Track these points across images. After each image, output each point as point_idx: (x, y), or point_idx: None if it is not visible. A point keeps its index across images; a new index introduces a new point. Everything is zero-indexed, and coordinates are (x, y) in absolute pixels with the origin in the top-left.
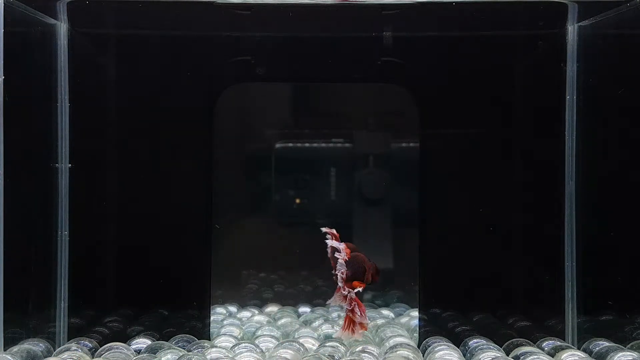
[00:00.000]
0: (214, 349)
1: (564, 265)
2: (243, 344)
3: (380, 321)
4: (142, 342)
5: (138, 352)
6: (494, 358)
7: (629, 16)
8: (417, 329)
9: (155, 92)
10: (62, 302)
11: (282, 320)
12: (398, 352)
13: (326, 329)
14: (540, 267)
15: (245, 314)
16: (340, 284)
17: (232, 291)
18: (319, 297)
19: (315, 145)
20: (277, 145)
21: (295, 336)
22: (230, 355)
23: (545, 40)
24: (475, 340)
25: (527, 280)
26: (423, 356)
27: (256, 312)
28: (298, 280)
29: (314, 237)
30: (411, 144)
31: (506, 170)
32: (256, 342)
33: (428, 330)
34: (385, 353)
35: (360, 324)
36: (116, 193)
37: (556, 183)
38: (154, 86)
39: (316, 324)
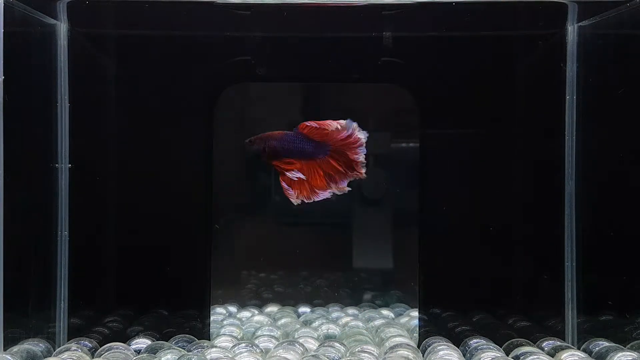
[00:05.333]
0: (214, 349)
1: (564, 265)
2: (243, 344)
3: (380, 321)
4: (142, 342)
5: (138, 352)
6: (494, 358)
7: (629, 16)
8: (417, 329)
9: (155, 92)
10: (62, 302)
11: (282, 320)
12: (398, 352)
13: (326, 329)
14: (540, 267)
15: (245, 314)
16: None
17: (232, 291)
18: (319, 297)
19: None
20: None
21: (295, 336)
22: (230, 355)
23: (545, 40)
24: (475, 340)
25: (527, 280)
26: (423, 356)
27: (256, 312)
28: (298, 280)
29: (314, 237)
30: (411, 144)
31: (506, 170)
32: (256, 342)
33: (428, 330)
34: (385, 353)
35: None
36: (116, 193)
37: (556, 183)
38: (154, 86)
39: (316, 324)
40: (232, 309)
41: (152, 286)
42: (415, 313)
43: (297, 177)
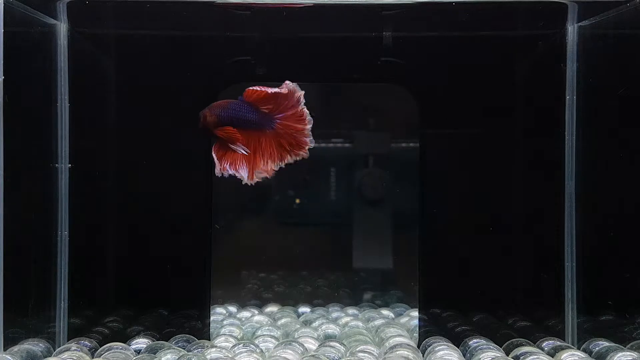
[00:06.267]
0: (213, 349)
1: (564, 265)
2: (243, 344)
3: (380, 321)
4: (142, 342)
5: (138, 352)
6: (494, 358)
7: (629, 16)
8: (417, 329)
9: (155, 92)
10: (62, 302)
11: (282, 320)
12: (398, 352)
13: (326, 329)
14: (540, 267)
15: (245, 314)
16: None
17: (232, 291)
18: (319, 297)
19: (315, 145)
20: None
21: (295, 336)
22: (230, 355)
23: (545, 40)
24: (475, 340)
25: (527, 280)
26: (423, 356)
27: (256, 312)
28: (298, 280)
29: (314, 237)
30: (411, 144)
31: (506, 170)
32: (256, 342)
33: (428, 330)
34: (385, 353)
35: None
36: (116, 193)
37: (556, 183)
38: (154, 86)
39: (316, 324)
40: (232, 309)
41: (152, 286)
42: (415, 313)
43: (242, 151)
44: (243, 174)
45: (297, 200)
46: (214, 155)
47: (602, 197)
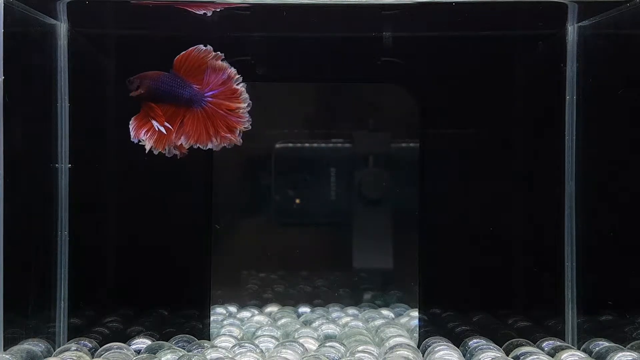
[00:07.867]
0: (213, 349)
1: (564, 265)
2: (243, 344)
3: (380, 321)
4: (141, 342)
5: (138, 352)
6: (494, 358)
7: (629, 16)
8: (417, 329)
9: None
10: (62, 302)
11: (282, 320)
12: (398, 352)
13: (326, 329)
14: (540, 267)
15: (245, 314)
16: None
17: (232, 291)
18: (319, 297)
19: (315, 145)
20: (277, 145)
21: (295, 336)
22: (230, 355)
23: (545, 40)
24: (475, 340)
25: (527, 280)
26: (423, 356)
27: (256, 312)
28: (298, 280)
29: (314, 237)
30: (411, 144)
31: (506, 170)
32: (256, 342)
33: (428, 330)
34: (385, 353)
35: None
36: (116, 193)
37: (556, 183)
38: None
39: (316, 324)
40: (232, 309)
41: (152, 286)
42: (415, 313)
43: (160, 129)
44: (150, 143)
45: (297, 200)
46: (131, 124)
47: (601, 197)
